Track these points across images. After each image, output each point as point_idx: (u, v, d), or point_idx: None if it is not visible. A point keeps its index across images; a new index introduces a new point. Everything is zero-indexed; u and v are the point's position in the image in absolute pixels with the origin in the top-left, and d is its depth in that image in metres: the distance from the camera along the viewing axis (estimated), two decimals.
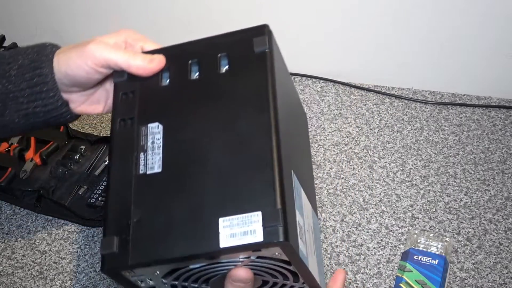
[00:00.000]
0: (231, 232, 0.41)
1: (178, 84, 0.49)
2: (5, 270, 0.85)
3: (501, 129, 0.98)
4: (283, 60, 0.52)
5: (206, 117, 0.46)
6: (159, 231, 0.43)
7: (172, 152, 0.46)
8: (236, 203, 0.41)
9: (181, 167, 0.45)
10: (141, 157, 0.46)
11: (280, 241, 0.39)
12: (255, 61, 0.47)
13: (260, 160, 0.43)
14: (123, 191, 0.45)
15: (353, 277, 0.80)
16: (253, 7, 1.02)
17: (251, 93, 0.46)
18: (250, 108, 0.45)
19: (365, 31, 1.01)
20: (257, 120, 0.44)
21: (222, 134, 0.45)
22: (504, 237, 0.83)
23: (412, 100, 1.05)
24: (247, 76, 0.47)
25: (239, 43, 0.49)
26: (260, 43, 0.48)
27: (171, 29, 1.12)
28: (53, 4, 1.14)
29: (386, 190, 0.90)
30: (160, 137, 0.46)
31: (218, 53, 0.49)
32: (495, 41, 0.95)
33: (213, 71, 0.48)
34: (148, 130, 0.47)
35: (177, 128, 0.47)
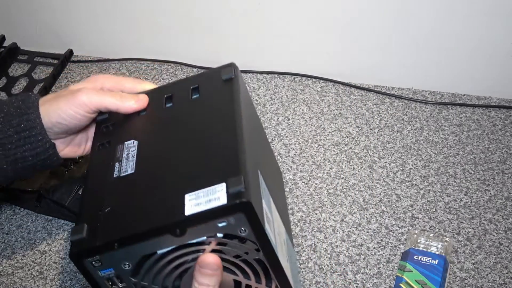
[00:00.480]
0: (196, 203, 0.42)
1: (153, 112, 0.55)
2: (5, 270, 0.85)
3: (501, 129, 0.98)
4: (247, 91, 0.58)
5: (176, 131, 0.51)
6: (127, 214, 0.45)
7: (144, 157, 0.49)
8: (202, 180, 0.44)
9: (152, 166, 0.49)
10: (116, 166, 0.50)
11: (242, 201, 0.41)
12: (222, 86, 0.53)
13: (225, 149, 0.46)
14: (97, 191, 0.48)
15: (353, 277, 0.80)
16: (254, 8, 1.02)
17: (219, 110, 0.51)
18: (218, 119, 0.50)
19: (365, 31, 1.01)
20: (224, 126, 0.48)
21: (191, 139, 0.49)
22: (504, 237, 0.83)
23: (412, 100, 1.05)
24: (215, 98, 0.53)
25: (209, 77, 0.56)
26: (227, 71, 0.55)
27: (171, 29, 1.12)
28: (53, 4, 1.14)
29: (386, 190, 0.90)
30: (135, 149, 0.51)
31: (190, 86, 0.55)
32: (495, 41, 0.95)
33: (184, 100, 0.54)
34: (124, 146, 0.51)
35: (151, 142, 0.51)
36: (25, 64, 1.23)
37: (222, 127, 0.49)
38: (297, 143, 0.99)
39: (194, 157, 0.47)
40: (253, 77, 1.13)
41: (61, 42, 1.22)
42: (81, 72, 1.19)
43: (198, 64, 1.16)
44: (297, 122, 1.03)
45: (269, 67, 1.13)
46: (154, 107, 0.55)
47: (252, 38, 1.09)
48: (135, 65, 1.19)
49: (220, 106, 0.51)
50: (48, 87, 1.15)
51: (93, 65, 1.21)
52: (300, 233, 0.86)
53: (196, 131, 0.50)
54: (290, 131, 1.01)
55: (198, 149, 0.48)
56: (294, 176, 0.94)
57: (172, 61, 1.18)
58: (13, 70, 1.22)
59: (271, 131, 1.02)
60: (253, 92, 1.10)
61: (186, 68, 1.16)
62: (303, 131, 1.01)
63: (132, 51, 1.19)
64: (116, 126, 0.54)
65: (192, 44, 1.13)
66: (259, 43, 1.09)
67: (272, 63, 1.12)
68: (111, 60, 1.21)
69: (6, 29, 1.24)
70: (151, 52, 1.18)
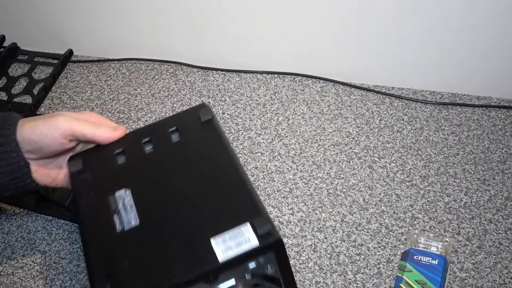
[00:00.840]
0: (225, 247, 0.41)
1: (134, 159, 0.52)
2: (5, 270, 0.85)
3: (501, 129, 0.98)
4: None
5: (169, 175, 0.49)
6: (150, 268, 0.42)
7: (145, 206, 0.47)
8: (222, 223, 0.43)
9: (159, 213, 0.46)
10: (115, 219, 0.47)
11: (274, 241, 0.41)
12: (204, 126, 0.53)
13: (234, 188, 0.45)
14: (105, 248, 0.45)
15: (353, 277, 0.80)
16: (254, 8, 1.02)
17: (208, 148, 0.50)
18: (211, 158, 0.49)
19: (365, 31, 1.01)
20: (221, 164, 0.48)
21: (189, 182, 0.48)
22: (504, 237, 0.83)
23: (412, 100, 1.05)
24: (200, 138, 0.52)
25: (185, 118, 0.54)
26: (206, 113, 0.54)
27: (171, 29, 1.12)
28: (53, 4, 1.14)
29: (386, 190, 0.90)
30: (130, 198, 0.48)
31: (168, 129, 0.54)
32: (495, 41, 0.95)
33: (166, 142, 0.53)
34: (116, 197, 0.49)
35: (145, 189, 0.49)
36: (25, 64, 1.23)
37: (220, 167, 0.47)
38: (297, 143, 0.99)
39: (201, 200, 0.45)
40: (253, 77, 1.13)
41: (61, 42, 1.22)
42: (81, 72, 1.19)
43: (198, 64, 1.16)
44: (297, 122, 1.03)
45: (269, 67, 1.13)
46: (132, 153, 0.52)
47: (252, 38, 1.09)
48: (135, 65, 1.19)
49: (209, 147, 0.50)
50: (48, 87, 1.15)
51: (93, 65, 1.21)
52: (300, 233, 0.86)
53: (192, 173, 0.48)
54: (290, 131, 1.01)
55: (202, 191, 0.46)
56: (294, 176, 0.94)
57: (172, 61, 1.18)
58: (13, 70, 1.22)
59: (271, 131, 1.02)
60: (253, 92, 1.10)
61: (186, 68, 1.16)
62: (303, 131, 1.01)
63: (132, 51, 1.19)
64: (96, 177, 0.52)
65: (192, 44, 1.13)
66: (259, 43, 1.09)
67: (272, 63, 1.12)
68: (111, 60, 1.21)
69: (6, 29, 1.24)
70: (151, 52, 1.18)
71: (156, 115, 1.07)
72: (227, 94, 1.10)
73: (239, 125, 1.03)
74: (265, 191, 0.92)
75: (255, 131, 1.02)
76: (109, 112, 1.09)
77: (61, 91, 1.15)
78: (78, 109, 1.10)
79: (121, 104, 1.10)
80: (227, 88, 1.11)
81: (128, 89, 1.14)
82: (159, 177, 0.49)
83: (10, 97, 1.14)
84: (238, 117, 1.05)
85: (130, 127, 1.05)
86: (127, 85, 1.15)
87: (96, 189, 0.50)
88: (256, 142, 1.00)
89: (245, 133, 1.02)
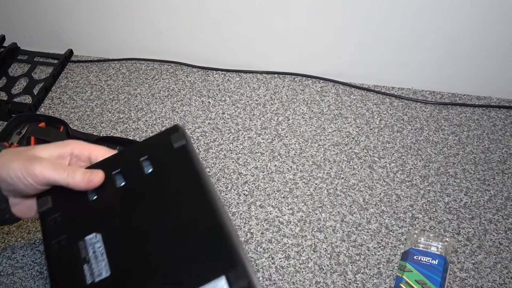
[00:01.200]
0: None
1: (105, 195, 0.49)
2: (5, 270, 0.85)
3: (501, 129, 0.98)
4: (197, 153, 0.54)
5: (142, 215, 0.46)
6: None
7: (117, 254, 0.45)
8: (196, 276, 0.41)
9: (130, 262, 0.44)
10: (85, 269, 0.45)
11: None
12: (177, 155, 0.49)
13: (206, 232, 0.43)
14: None
15: (353, 277, 0.80)
16: (254, 8, 1.02)
17: (182, 183, 0.47)
18: (185, 196, 0.46)
19: (366, 31, 1.01)
20: (195, 203, 0.45)
21: (162, 224, 0.45)
22: (504, 237, 0.83)
23: (412, 100, 1.05)
24: (173, 169, 0.48)
25: (157, 145, 0.51)
26: (178, 138, 0.50)
27: (171, 29, 1.12)
28: (53, 4, 1.14)
29: (386, 190, 0.90)
30: (101, 244, 0.46)
31: (139, 158, 0.50)
32: (495, 41, 0.95)
33: (138, 175, 0.49)
34: (87, 243, 0.46)
35: (117, 233, 0.46)
36: (25, 64, 1.23)
37: (193, 206, 0.45)
38: (297, 143, 0.99)
39: (174, 247, 0.43)
40: (253, 77, 1.13)
41: (61, 42, 1.22)
42: (81, 72, 1.19)
43: (198, 64, 1.16)
44: (297, 122, 1.03)
45: (269, 67, 1.13)
46: (104, 187, 0.50)
47: (252, 38, 1.09)
48: (135, 65, 1.19)
49: (182, 181, 0.47)
50: (48, 87, 1.15)
51: (93, 65, 1.21)
52: (300, 233, 0.86)
53: (164, 213, 0.46)
54: (290, 131, 1.01)
55: (175, 236, 0.44)
56: (294, 176, 0.94)
57: (172, 61, 1.18)
58: (13, 70, 1.22)
59: (271, 131, 1.02)
60: (253, 92, 1.10)
61: (186, 68, 1.16)
62: (303, 131, 1.01)
63: (132, 51, 1.19)
64: (66, 217, 0.49)
65: (192, 44, 1.13)
66: (259, 43, 1.09)
67: (272, 63, 1.12)
68: (111, 60, 1.21)
69: (6, 29, 1.24)
70: (151, 52, 1.18)
71: (156, 115, 1.07)
72: (227, 94, 1.10)
73: (239, 125, 1.03)
74: (265, 191, 0.92)
75: (255, 131, 1.02)
76: (109, 112, 1.09)
77: (61, 91, 1.15)
78: (78, 109, 1.10)
79: (121, 104, 1.10)
80: (227, 88, 1.11)
81: (128, 89, 1.14)
82: (131, 218, 0.47)
83: (10, 97, 1.14)
84: (238, 117, 1.05)
85: (130, 127, 1.05)
86: (127, 85, 1.15)
87: (66, 232, 0.48)
88: (256, 142, 1.00)
89: (245, 133, 1.02)
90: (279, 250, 0.84)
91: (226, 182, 0.94)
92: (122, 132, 1.04)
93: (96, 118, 1.08)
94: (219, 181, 0.94)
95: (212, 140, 1.01)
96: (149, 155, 0.50)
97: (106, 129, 1.05)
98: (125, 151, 0.53)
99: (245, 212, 0.89)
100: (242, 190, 0.92)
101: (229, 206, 0.90)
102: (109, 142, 1.00)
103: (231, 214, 0.89)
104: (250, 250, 0.84)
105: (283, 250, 0.84)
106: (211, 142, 1.01)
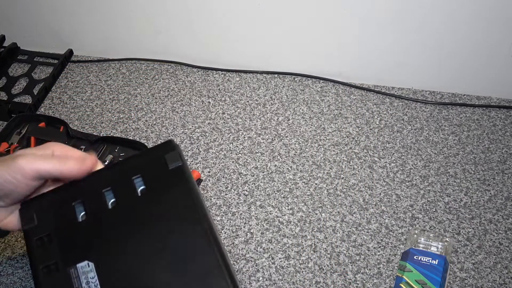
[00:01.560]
0: None
1: (96, 216, 0.46)
2: (5, 270, 0.85)
3: (501, 129, 0.98)
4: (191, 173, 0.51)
5: (137, 242, 0.44)
6: None
7: (110, 285, 0.43)
8: None
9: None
10: None
11: None
12: (172, 176, 0.46)
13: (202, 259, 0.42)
14: None
15: (353, 277, 0.80)
16: (254, 8, 1.02)
17: (177, 208, 0.45)
18: (180, 222, 0.44)
19: (366, 32, 1.01)
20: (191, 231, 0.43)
21: (158, 251, 0.43)
22: (504, 237, 0.83)
23: (412, 100, 1.05)
24: (168, 193, 0.46)
25: (151, 163, 0.48)
26: (174, 159, 0.47)
27: (171, 29, 1.12)
28: (53, 4, 1.14)
29: (386, 190, 0.90)
30: (94, 275, 0.44)
31: (132, 176, 0.47)
32: (495, 41, 0.95)
33: (131, 196, 0.47)
34: (79, 271, 0.44)
35: (110, 261, 0.44)
36: (25, 64, 1.23)
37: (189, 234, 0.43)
38: (297, 143, 0.99)
39: (168, 279, 0.42)
40: (253, 77, 1.13)
41: (61, 42, 1.22)
42: (81, 72, 1.19)
43: (198, 64, 1.16)
44: (297, 122, 1.03)
45: (269, 67, 1.13)
46: (93, 206, 0.47)
47: (252, 38, 1.09)
48: (135, 65, 1.19)
49: (177, 206, 0.45)
50: (48, 87, 1.15)
51: (93, 65, 1.21)
52: (300, 233, 0.86)
53: (158, 242, 0.44)
54: (290, 131, 1.01)
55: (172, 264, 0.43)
56: (294, 176, 0.94)
57: (172, 61, 1.18)
58: (13, 70, 1.22)
59: (271, 131, 1.02)
60: (253, 92, 1.10)
61: (186, 68, 1.16)
62: (303, 131, 1.01)
63: (132, 51, 1.19)
64: (54, 238, 0.46)
65: (192, 44, 1.13)
66: (259, 43, 1.09)
67: (272, 63, 1.12)
68: (111, 60, 1.21)
69: (6, 29, 1.24)
70: (151, 52, 1.18)
71: (156, 115, 1.07)
72: (227, 94, 1.10)
73: (239, 125, 1.03)
74: (265, 191, 0.92)
75: (255, 131, 1.02)
76: (109, 112, 1.09)
77: (61, 91, 1.15)
78: (78, 109, 1.10)
79: (121, 104, 1.10)
80: (227, 88, 1.11)
81: (128, 89, 1.14)
82: (124, 245, 0.44)
83: (10, 97, 1.14)
84: (238, 117, 1.05)
85: (130, 127, 1.05)
86: (127, 85, 1.15)
87: (55, 257, 0.45)
88: (256, 142, 1.00)
89: (245, 133, 1.02)
90: (279, 250, 0.84)
91: (226, 182, 0.94)
92: (122, 132, 1.04)
93: (96, 118, 1.08)
94: (219, 181, 0.94)
95: (212, 140, 1.01)
96: (142, 174, 0.47)
97: (106, 129, 1.05)
98: (116, 167, 0.49)
99: (245, 212, 0.89)
100: (242, 190, 0.92)
101: (229, 206, 0.90)
102: (109, 142, 1.00)
103: (231, 214, 0.89)
104: (250, 250, 0.84)
105: (283, 250, 0.84)
106: (211, 142, 1.01)
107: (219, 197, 0.92)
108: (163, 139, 1.02)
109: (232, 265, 0.43)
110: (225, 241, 0.86)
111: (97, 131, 1.05)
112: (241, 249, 0.85)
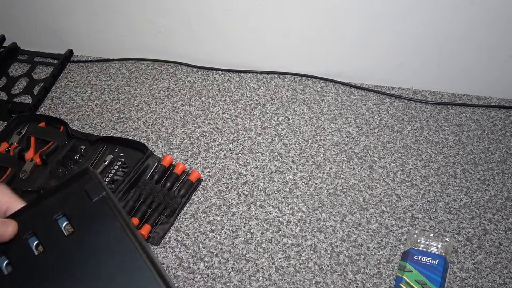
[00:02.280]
0: None
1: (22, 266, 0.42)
2: None
3: (501, 129, 0.98)
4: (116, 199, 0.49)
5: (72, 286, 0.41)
6: None
7: None
8: None
9: None
10: None
11: None
12: (97, 209, 0.43)
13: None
14: None
15: (353, 277, 0.80)
16: (254, 8, 1.02)
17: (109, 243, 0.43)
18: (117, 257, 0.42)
19: (366, 32, 1.01)
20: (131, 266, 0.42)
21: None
22: (504, 237, 0.83)
23: (412, 100, 1.05)
24: (97, 229, 0.43)
25: (72, 198, 0.44)
26: (95, 189, 0.44)
27: (171, 29, 1.12)
28: (53, 5, 1.14)
29: (386, 190, 0.90)
30: None
31: (53, 215, 0.43)
32: (495, 41, 0.95)
33: (57, 237, 0.43)
34: None
35: None
36: (25, 64, 1.23)
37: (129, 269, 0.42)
38: (297, 143, 0.99)
39: None
40: (253, 77, 1.13)
41: (61, 42, 1.22)
42: (81, 72, 1.19)
43: (198, 64, 1.16)
44: (297, 122, 1.03)
45: (269, 67, 1.13)
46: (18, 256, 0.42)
47: (252, 38, 1.09)
48: (135, 65, 1.19)
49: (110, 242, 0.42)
50: (48, 87, 1.15)
51: (93, 65, 1.21)
52: (300, 233, 0.86)
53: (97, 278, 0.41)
54: (290, 131, 1.01)
55: None
56: (294, 176, 0.94)
57: (172, 61, 1.18)
58: (13, 70, 1.22)
59: (271, 131, 1.02)
60: (253, 92, 1.10)
61: (186, 68, 1.16)
62: (303, 131, 1.01)
63: (132, 51, 1.19)
64: None
65: (192, 44, 1.13)
66: (259, 43, 1.09)
67: (272, 63, 1.12)
68: (111, 60, 1.21)
69: (6, 29, 1.24)
70: (151, 52, 1.18)
71: (156, 115, 1.07)
72: (227, 94, 1.10)
73: (239, 125, 1.03)
74: (265, 191, 0.92)
75: (255, 131, 1.02)
76: (109, 112, 1.09)
77: (61, 91, 1.15)
78: (78, 109, 1.10)
79: (121, 104, 1.10)
80: (227, 88, 1.11)
81: (128, 89, 1.14)
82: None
83: (10, 97, 1.14)
84: (238, 117, 1.05)
85: (130, 127, 1.05)
86: (127, 85, 1.15)
87: None
88: (256, 142, 1.00)
89: (245, 133, 1.02)
90: (279, 250, 0.84)
91: (226, 182, 0.94)
92: (122, 132, 1.04)
93: (96, 118, 1.08)
94: (219, 181, 0.94)
95: (212, 140, 1.01)
96: (64, 212, 0.43)
97: (106, 129, 1.05)
98: (34, 206, 0.44)
99: (245, 212, 0.89)
100: (242, 190, 0.92)
101: (229, 206, 0.90)
102: (109, 142, 1.00)
103: (231, 214, 0.89)
104: (250, 250, 0.84)
105: (283, 250, 0.84)
106: (211, 142, 1.01)
107: (219, 197, 0.92)
108: (163, 139, 1.02)
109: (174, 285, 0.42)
110: (225, 241, 0.86)
111: (97, 131, 1.05)
112: (241, 249, 0.85)
